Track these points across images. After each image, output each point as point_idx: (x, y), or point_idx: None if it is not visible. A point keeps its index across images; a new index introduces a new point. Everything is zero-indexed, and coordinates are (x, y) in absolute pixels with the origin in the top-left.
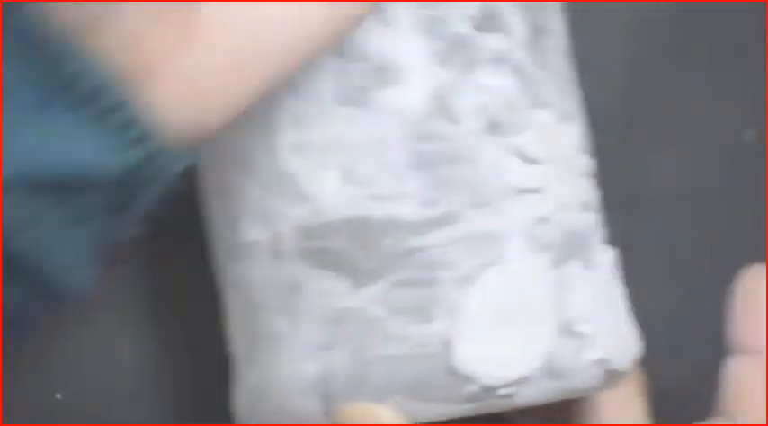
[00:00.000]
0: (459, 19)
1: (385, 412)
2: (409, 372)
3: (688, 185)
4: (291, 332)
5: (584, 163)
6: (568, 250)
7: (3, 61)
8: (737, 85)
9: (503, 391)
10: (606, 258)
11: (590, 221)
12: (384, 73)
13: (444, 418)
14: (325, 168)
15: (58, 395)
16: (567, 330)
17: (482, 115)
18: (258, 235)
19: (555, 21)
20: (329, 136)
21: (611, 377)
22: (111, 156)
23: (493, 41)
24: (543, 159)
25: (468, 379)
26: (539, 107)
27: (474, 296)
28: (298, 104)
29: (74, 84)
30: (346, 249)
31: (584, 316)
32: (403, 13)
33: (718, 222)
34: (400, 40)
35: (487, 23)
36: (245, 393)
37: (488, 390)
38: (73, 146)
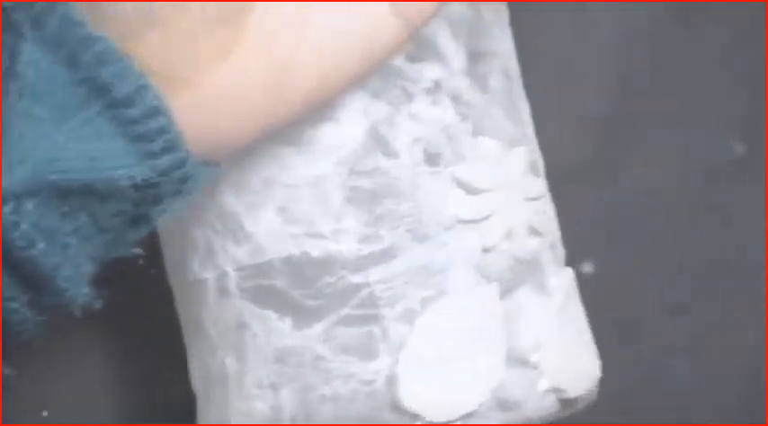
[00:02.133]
0: None
1: None
2: (354, 410)
3: (674, 197)
4: (241, 371)
5: (533, 185)
6: (518, 277)
7: (37, 61)
8: (728, 99)
9: None
10: (561, 281)
11: (541, 245)
12: (319, 111)
13: None
14: (263, 208)
15: (45, 413)
16: (518, 360)
17: (420, 147)
18: (204, 274)
19: (499, 43)
20: (265, 175)
21: (566, 404)
22: (138, 163)
23: (428, 71)
24: (488, 187)
25: (414, 417)
26: (481, 134)
27: (418, 331)
28: None
29: (110, 88)
30: (287, 287)
31: (535, 345)
32: None
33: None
34: None
35: (421, 53)
36: None
37: None
38: (101, 150)
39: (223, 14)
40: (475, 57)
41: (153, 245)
